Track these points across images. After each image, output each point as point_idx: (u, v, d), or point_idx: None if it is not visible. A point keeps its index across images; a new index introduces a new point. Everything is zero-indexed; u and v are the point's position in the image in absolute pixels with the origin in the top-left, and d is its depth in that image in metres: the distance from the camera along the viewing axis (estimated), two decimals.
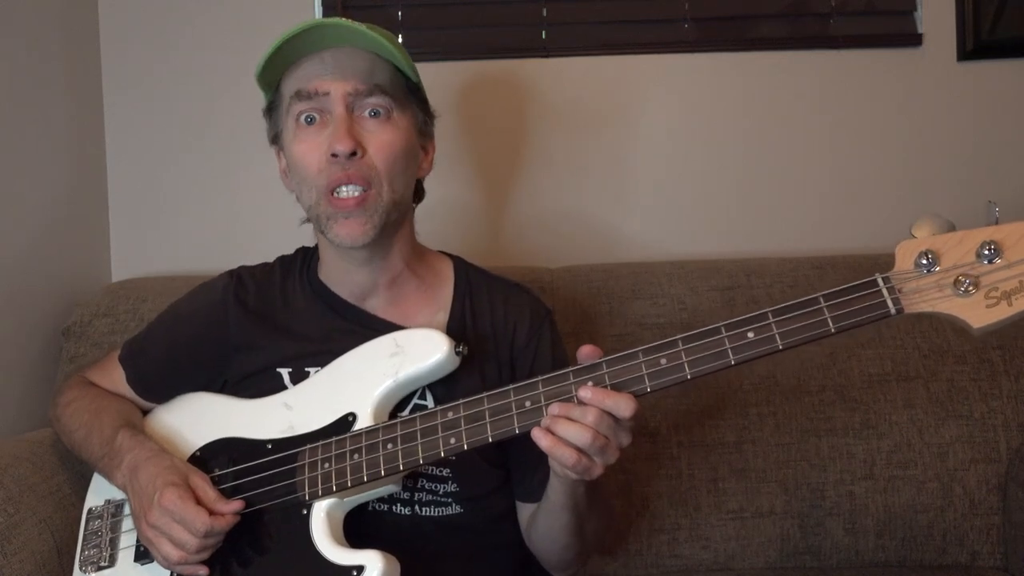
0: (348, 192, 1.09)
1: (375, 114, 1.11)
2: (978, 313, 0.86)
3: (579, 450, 0.93)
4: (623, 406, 0.93)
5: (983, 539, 1.46)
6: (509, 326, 1.21)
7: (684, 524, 1.48)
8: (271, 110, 1.19)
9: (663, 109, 1.82)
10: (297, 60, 1.13)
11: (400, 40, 1.77)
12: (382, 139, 1.11)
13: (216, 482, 1.09)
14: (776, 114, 1.82)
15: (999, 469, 1.47)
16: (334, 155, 1.08)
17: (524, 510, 1.20)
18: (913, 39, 1.80)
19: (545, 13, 1.82)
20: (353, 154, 1.08)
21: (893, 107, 1.81)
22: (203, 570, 1.05)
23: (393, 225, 1.14)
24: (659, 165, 1.82)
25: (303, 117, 1.11)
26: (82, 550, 1.18)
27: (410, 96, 1.16)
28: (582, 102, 1.82)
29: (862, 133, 1.82)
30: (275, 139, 1.20)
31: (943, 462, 1.47)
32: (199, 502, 1.04)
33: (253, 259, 1.31)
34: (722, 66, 1.82)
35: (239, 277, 1.26)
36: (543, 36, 1.82)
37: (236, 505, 1.05)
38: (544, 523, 1.15)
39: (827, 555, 1.47)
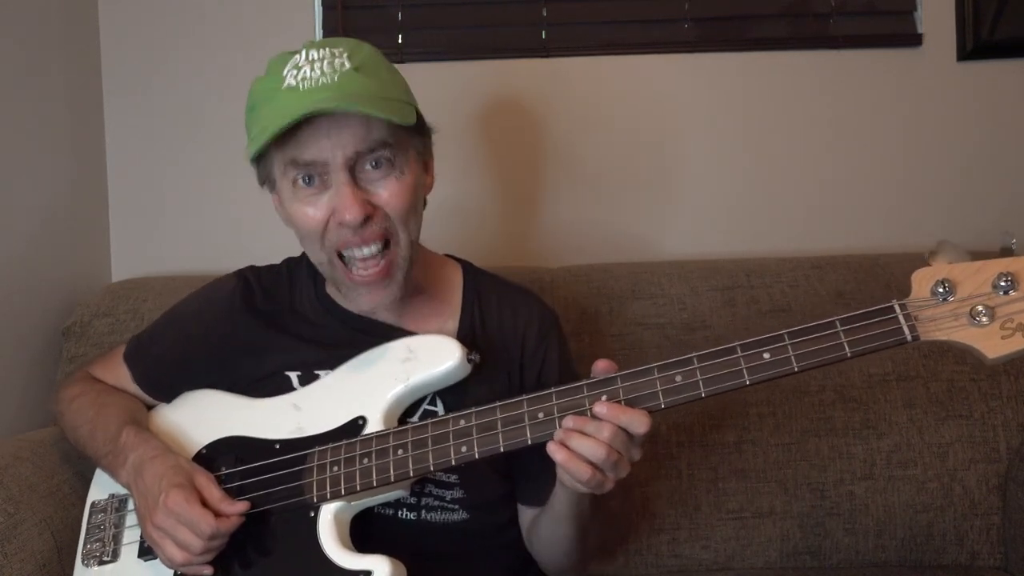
0: (365, 259, 1.06)
1: (377, 164, 1.05)
2: (993, 344, 0.87)
3: (593, 465, 0.93)
4: (638, 422, 0.93)
5: (983, 539, 1.46)
6: (519, 332, 1.20)
7: (684, 524, 1.48)
8: (258, 159, 1.09)
9: (663, 109, 1.82)
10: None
11: (400, 40, 1.78)
12: (391, 191, 1.06)
13: (222, 481, 1.08)
14: (776, 114, 1.82)
15: (999, 469, 1.47)
16: (340, 223, 1.04)
17: (526, 514, 1.20)
18: (913, 39, 1.80)
19: (545, 13, 1.82)
20: (366, 219, 1.04)
21: (893, 107, 1.81)
22: (208, 570, 1.05)
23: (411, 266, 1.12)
24: (659, 165, 1.82)
25: (301, 179, 1.05)
26: (85, 543, 1.18)
27: (409, 134, 1.09)
28: (582, 102, 1.81)
29: (862, 133, 1.81)
30: (264, 181, 1.13)
31: (943, 462, 1.47)
32: (204, 503, 1.03)
33: (253, 259, 1.31)
34: (722, 66, 1.81)
35: (246, 279, 1.25)
36: (543, 36, 1.82)
37: (241, 506, 1.05)
38: (547, 530, 1.15)
39: (827, 555, 1.47)
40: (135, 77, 1.82)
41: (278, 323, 1.20)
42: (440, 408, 1.13)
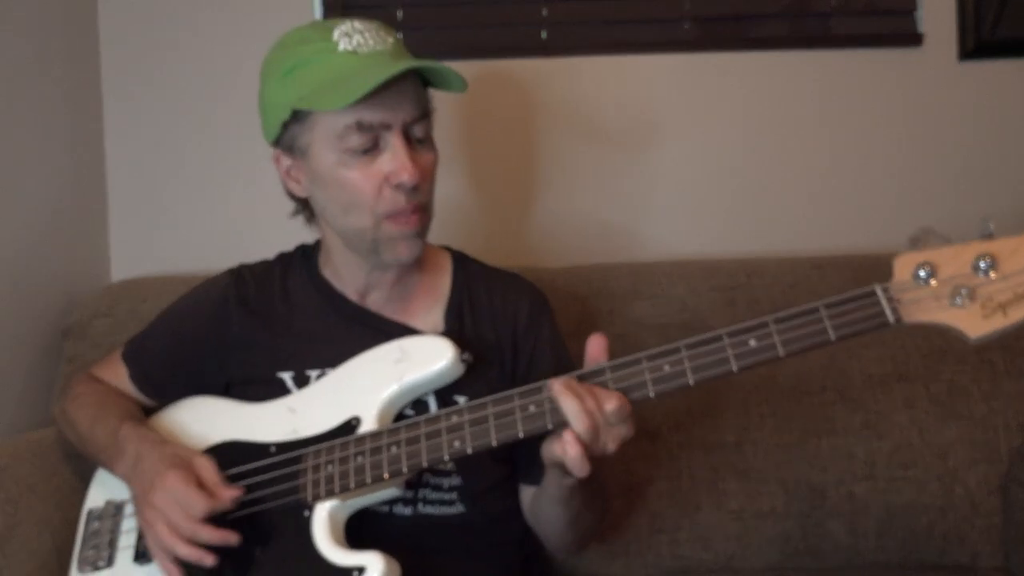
0: (410, 216, 1.11)
1: (423, 138, 1.12)
2: (974, 323, 0.89)
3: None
4: (604, 397, 0.94)
5: (984, 540, 1.46)
6: (509, 312, 1.22)
7: (684, 524, 1.47)
8: (297, 121, 1.11)
9: (663, 109, 1.82)
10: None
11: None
12: (428, 165, 1.12)
13: None
14: (776, 114, 1.81)
15: (1000, 469, 1.47)
16: (398, 185, 1.08)
17: (526, 492, 1.21)
18: (913, 39, 1.80)
19: (545, 13, 1.82)
20: (416, 186, 1.09)
21: (893, 107, 1.81)
22: (210, 559, 1.04)
23: None
24: (659, 165, 1.82)
25: (360, 149, 1.08)
26: (81, 550, 1.18)
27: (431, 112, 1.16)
28: (582, 102, 1.81)
29: (862, 133, 1.81)
30: (290, 147, 1.13)
31: (944, 462, 1.47)
32: (202, 487, 1.04)
33: (254, 258, 1.32)
34: (722, 66, 1.81)
35: (239, 275, 1.27)
36: (543, 36, 1.82)
37: (237, 491, 1.05)
38: (542, 511, 1.17)
39: (828, 555, 1.47)
40: (135, 77, 1.82)
41: (270, 316, 1.22)
42: (433, 401, 1.14)
